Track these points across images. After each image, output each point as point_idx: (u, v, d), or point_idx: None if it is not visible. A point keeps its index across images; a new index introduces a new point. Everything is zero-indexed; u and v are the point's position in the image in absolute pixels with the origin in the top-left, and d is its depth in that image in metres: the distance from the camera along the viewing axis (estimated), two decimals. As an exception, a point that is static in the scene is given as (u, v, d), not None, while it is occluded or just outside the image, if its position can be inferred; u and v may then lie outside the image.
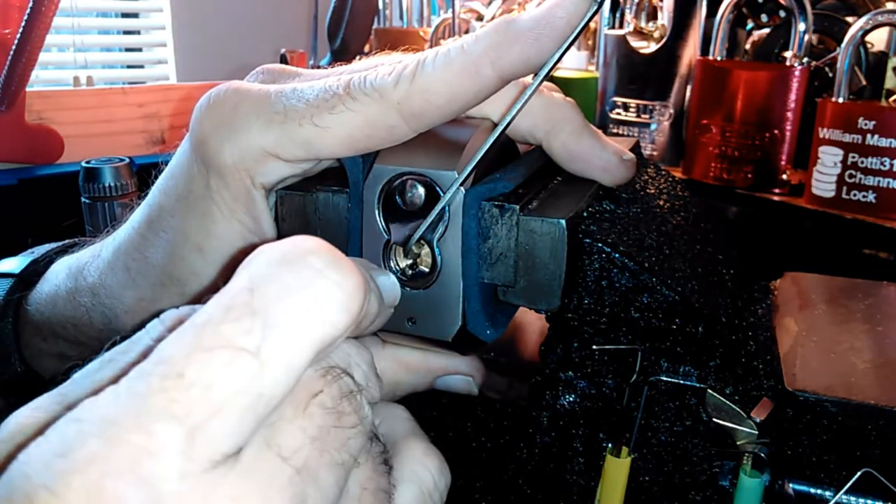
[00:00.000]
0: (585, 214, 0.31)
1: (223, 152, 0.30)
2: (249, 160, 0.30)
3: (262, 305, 0.19)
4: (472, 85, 0.28)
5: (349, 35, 1.19)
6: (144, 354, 0.19)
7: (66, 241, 0.44)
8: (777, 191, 0.81)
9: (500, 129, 0.28)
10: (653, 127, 0.95)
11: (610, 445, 0.33)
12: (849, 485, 0.29)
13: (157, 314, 0.22)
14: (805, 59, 0.78)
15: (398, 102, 0.28)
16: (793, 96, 0.78)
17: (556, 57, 0.27)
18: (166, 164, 0.34)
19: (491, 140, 0.28)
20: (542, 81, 0.27)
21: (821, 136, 0.74)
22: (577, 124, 0.32)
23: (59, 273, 0.39)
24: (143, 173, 0.35)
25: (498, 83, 0.28)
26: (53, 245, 0.43)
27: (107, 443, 0.17)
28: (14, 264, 0.42)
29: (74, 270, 0.38)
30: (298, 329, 0.19)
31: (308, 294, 0.19)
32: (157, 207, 0.33)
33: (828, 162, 0.74)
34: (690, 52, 0.90)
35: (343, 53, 1.22)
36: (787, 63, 0.78)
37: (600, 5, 0.27)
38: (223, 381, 0.18)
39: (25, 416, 0.20)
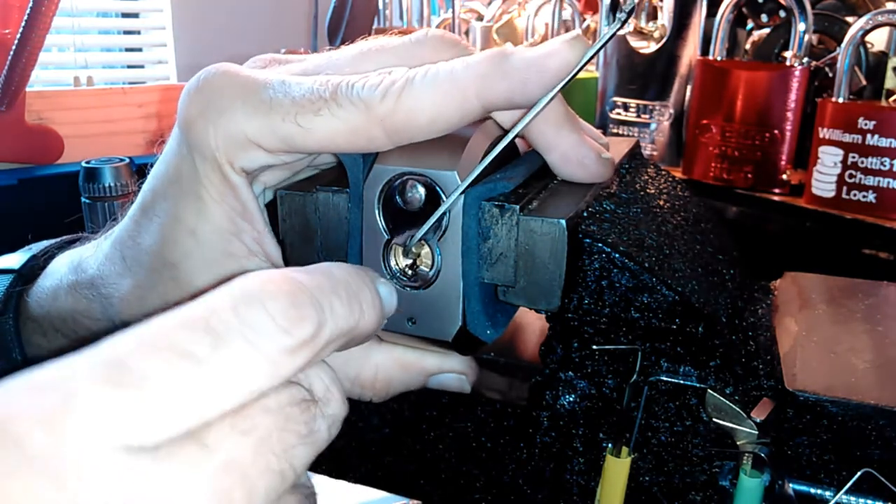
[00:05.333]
0: (585, 214, 0.31)
1: (208, 134, 0.30)
2: (232, 144, 0.30)
3: (218, 325, 0.19)
4: (456, 111, 0.28)
5: (349, 35, 1.19)
6: None
7: (66, 236, 0.44)
8: (777, 191, 0.81)
9: (501, 145, 0.29)
10: (653, 127, 0.95)
11: (610, 445, 0.33)
12: (849, 485, 0.29)
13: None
14: (805, 59, 0.78)
15: (382, 118, 0.28)
16: (793, 96, 0.78)
17: (559, 87, 0.28)
18: None
19: (493, 155, 0.29)
20: (549, 102, 0.28)
21: (821, 136, 0.74)
22: (559, 114, 0.32)
23: (60, 267, 0.39)
24: (143, 173, 0.35)
25: (482, 112, 0.29)
26: (53, 241, 0.43)
27: (29, 392, 0.17)
28: (14, 260, 0.42)
29: (76, 264, 0.38)
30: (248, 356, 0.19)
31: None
32: (151, 192, 0.34)
33: (828, 162, 0.74)
34: (690, 52, 0.90)
35: (343, 53, 1.22)
36: (787, 63, 0.78)
37: (598, 51, 0.28)
38: (160, 375, 0.18)
39: None
